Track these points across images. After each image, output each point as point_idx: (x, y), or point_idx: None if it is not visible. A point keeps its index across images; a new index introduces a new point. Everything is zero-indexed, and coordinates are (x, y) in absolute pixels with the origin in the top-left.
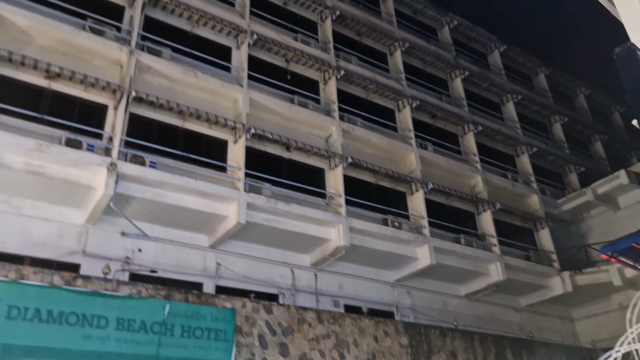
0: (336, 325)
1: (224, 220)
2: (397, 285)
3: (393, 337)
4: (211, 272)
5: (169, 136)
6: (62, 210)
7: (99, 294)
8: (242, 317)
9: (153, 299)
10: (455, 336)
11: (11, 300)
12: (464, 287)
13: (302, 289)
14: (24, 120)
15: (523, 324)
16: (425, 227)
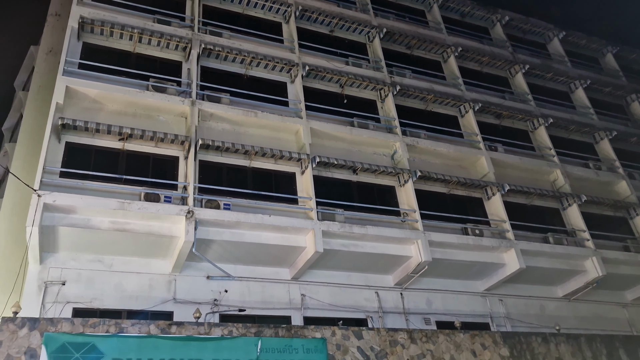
0: (430, 344)
1: (302, 251)
2: (488, 295)
3: (492, 350)
4: (297, 304)
5: (238, 177)
6: (150, 262)
7: (193, 338)
8: (334, 346)
9: (245, 337)
10: (559, 341)
11: (114, 354)
12: (561, 288)
13: (389, 310)
14: (105, 183)
15: (633, 319)
16: (509, 231)
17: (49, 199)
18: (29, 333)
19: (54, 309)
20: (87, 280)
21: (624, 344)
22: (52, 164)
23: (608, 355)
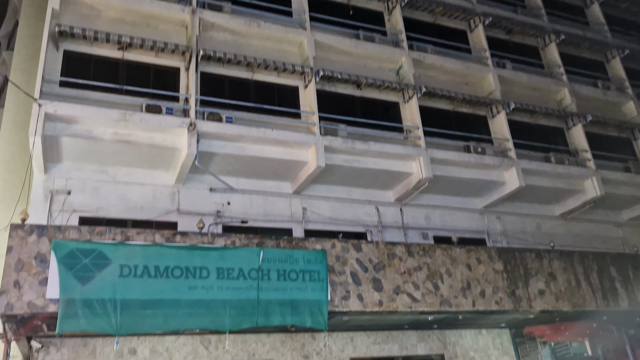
0: (427, 257)
1: (304, 166)
2: (487, 212)
3: (487, 264)
4: (298, 217)
5: (240, 90)
6: (153, 173)
7: (197, 247)
8: (333, 257)
9: (247, 248)
10: (552, 257)
11: (121, 261)
12: (558, 206)
13: (388, 225)
14: (105, 93)
15: (627, 239)
16: (511, 150)
17: (50, 109)
18: (37, 239)
19: (60, 217)
20: (92, 190)
21: (615, 261)
22: (51, 73)
23: (599, 271)
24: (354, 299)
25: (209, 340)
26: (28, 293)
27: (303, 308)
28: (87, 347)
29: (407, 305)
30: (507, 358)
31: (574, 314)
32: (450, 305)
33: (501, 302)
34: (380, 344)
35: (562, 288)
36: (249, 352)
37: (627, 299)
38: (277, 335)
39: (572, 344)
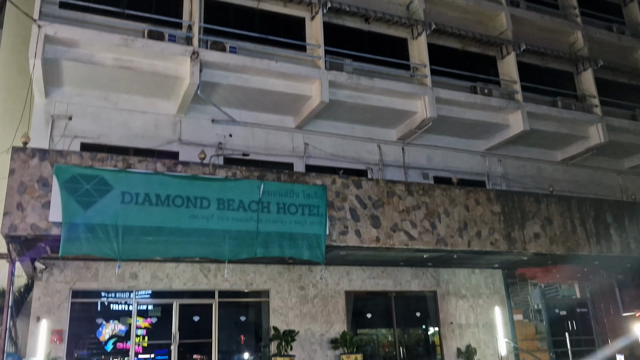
0: (426, 197)
1: (308, 101)
2: (488, 155)
3: (485, 205)
4: (300, 152)
5: (245, 19)
6: (155, 102)
7: (199, 178)
8: (333, 193)
9: (248, 180)
10: (550, 202)
11: (123, 187)
12: (561, 152)
13: (390, 163)
14: (106, 17)
15: (626, 186)
16: (518, 92)
17: (50, 31)
18: (39, 163)
19: (62, 142)
20: (93, 116)
21: (612, 208)
22: None
23: (595, 217)
24: (352, 235)
25: (208, 269)
26: (31, 215)
27: (301, 241)
28: (90, 270)
29: (403, 242)
30: (498, 297)
31: (567, 257)
32: (446, 245)
33: (496, 244)
34: (375, 278)
35: (557, 232)
36: (247, 282)
37: (620, 245)
38: (274, 267)
39: (562, 286)
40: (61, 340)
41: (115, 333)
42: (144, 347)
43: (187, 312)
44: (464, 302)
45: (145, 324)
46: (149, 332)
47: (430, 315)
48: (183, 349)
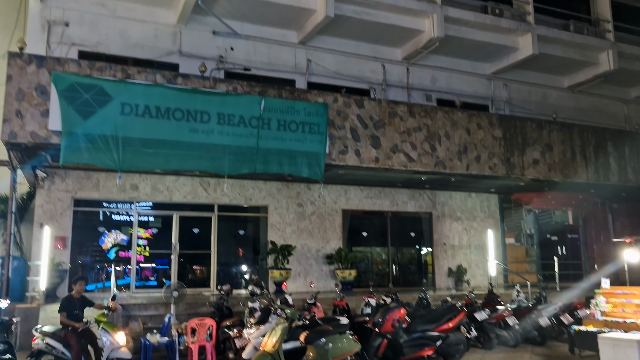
0: (428, 118)
1: (312, 15)
2: (494, 78)
3: (486, 130)
4: (302, 68)
5: None
6: (155, 10)
7: (199, 91)
8: (334, 111)
9: (249, 95)
10: (552, 128)
11: (123, 98)
12: (568, 78)
13: (393, 84)
14: None
15: (630, 116)
16: (530, 14)
17: None
18: (37, 70)
19: (59, 50)
20: (90, 23)
21: (613, 137)
22: None
23: (596, 145)
24: (351, 154)
25: (208, 183)
26: (30, 123)
27: (301, 159)
28: (91, 180)
29: (402, 164)
30: (492, 221)
31: (564, 184)
32: (445, 167)
33: (495, 168)
34: (373, 198)
35: (557, 159)
36: (246, 197)
37: (617, 174)
38: (273, 183)
39: (556, 212)
40: (64, 246)
41: (118, 242)
42: (145, 256)
43: (187, 225)
44: (458, 224)
45: (147, 235)
46: (150, 242)
47: (424, 236)
48: (183, 260)
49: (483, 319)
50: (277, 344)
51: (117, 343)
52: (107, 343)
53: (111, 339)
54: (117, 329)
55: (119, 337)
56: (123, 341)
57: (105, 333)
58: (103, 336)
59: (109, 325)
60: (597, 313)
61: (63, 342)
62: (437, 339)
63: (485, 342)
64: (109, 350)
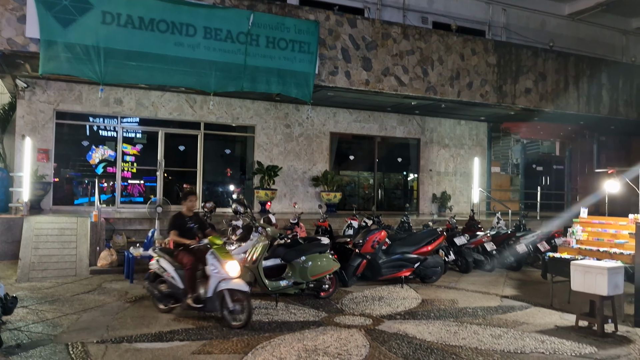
0: (422, 42)
1: None
2: (493, 2)
3: (481, 56)
4: None
5: None
6: None
7: (185, 2)
8: (326, 30)
9: (237, 9)
10: (548, 57)
11: (104, 7)
12: (569, 5)
13: (388, 3)
14: None
15: (628, 48)
16: None
17: None
18: None
19: None
20: None
21: (609, 68)
22: None
23: (590, 76)
24: (342, 76)
25: (194, 100)
26: (7, 29)
27: (290, 78)
28: (73, 92)
29: (393, 87)
30: (479, 149)
31: (554, 115)
32: (436, 93)
33: (486, 96)
34: (361, 122)
35: (549, 89)
36: (233, 116)
37: (608, 106)
38: (261, 103)
39: (543, 143)
40: (47, 159)
41: (105, 157)
42: (132, 172)
43: (172, 142)
44: (445, 151)
45: (134, 151)
46: (137, 158)
47: (411, 162)
48: (172, 178)
49: (462, 244)
50: (257, 261)
51: (227, 273)
52: (215, 272)
53: (220, 268)
54: (229, 257)
55: (229, 266)
56: (235, 272)
57: (213, 259)
58: (211, 263)
59: (220, 251)
60: (572, 241)
61: (175, 264)
62: (415, 260)
63: (462, 266)
64: (216, 280)
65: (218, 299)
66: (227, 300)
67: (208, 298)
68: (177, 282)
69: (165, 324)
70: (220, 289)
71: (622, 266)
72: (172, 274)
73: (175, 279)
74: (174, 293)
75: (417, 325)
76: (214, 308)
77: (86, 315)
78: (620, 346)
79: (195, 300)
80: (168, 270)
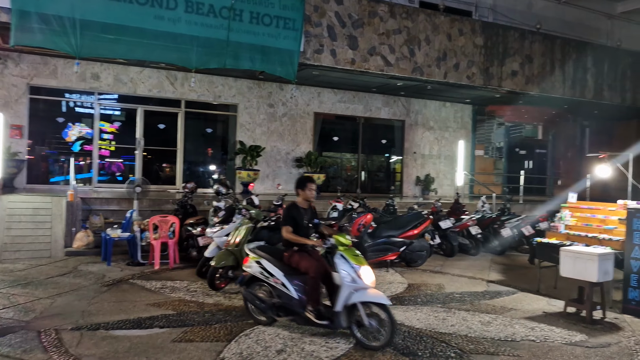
0: (409, 21)
1: None
2: None
3: (468, 37)
4: None
5: None
6: None
7: None
8: (311, 7)
9: None
10: (535, 39)
11: None
12: None
13: None
14: None
15: (613, 32)
16: None
17: None
18: None
19: None
20: None
21: (594, 52)
22: None
23: (576, 60)
24: (327, 54)
25: (175, 77)
26: None
27: (274, 56)
28: (48, 66)
29: (379, 67)
30: (464, 132)
31: (539, 98)
32: (422, 74)
33: (473, 78)
34: (346, 102)
35: (535, 72)
36: (214, 94)
37: (593, 91)
38: (244, 81)
39: (526, 126)
40: (21, 135)
41: (82, 135)
42: (111, 151)
43: (152, 120)
44: (430, 133)
45: (112, 129)
46: (116, 136)
47: (395, 144)
48: (152, 157)
49: (447, 228)
50: (241, 244)
51: (362, 281)
52: (347, 280)
53: (354, 275)
54: (362, 261)
55: (364, 273)
56: (371, 279)
57: (344, 264)
58: (341, 268)
59: (350, 253)
60: (560, 226)
61: (284, 267)
62: (401, 244)
63: (447, 250)
64: (348, 291)
65: (349, 314)
66: (362, 315)
67: (336, 312)
68: (290, 291)
69: (144, 309)
70: (353, 301)
71: (613, 252)
72: (281, 280)
73: (288, 288)
74: (285, 304)
75: (405, 311)
76: (342, 324)
77: (60, 300)
78: (610, 333)
79: (317, 314)
80: (276, 275)
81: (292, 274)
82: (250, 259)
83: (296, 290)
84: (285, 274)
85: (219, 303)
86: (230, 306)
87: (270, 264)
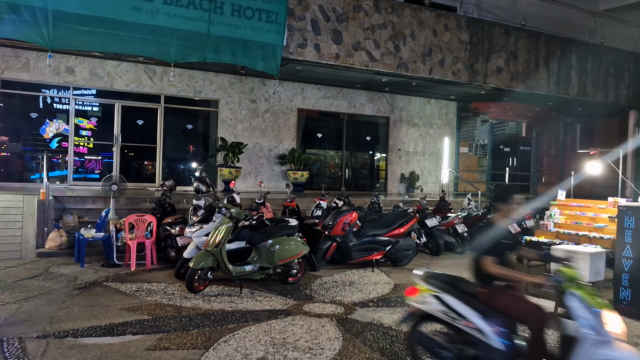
0: (394, 15)
1: None
2: None
3: (453, 32)
4: None
5: None
6: None
7: None
8: (295, 0)
9: None
10: (520, 36)
11: None
12: None
13: None
14: None
15: (596, 29)
16: None
17: None
18: None
19: None
20: None
21: (578, 49)
22: None
23: (560, 57)
24: (311, 49)
25: (153, 71)
26: None
27: (256, 50)
28: (20, 59)
29: (364, 63)
30: (449, 129)
31: (523, 95)
32: (407, 70)
33: (458, 74)
34: (330, 99)
35: (520, 68)
36: (195, 89)
37: (577, 88)
38: (225, 76)
39: (510, 123)
40: None
41: (60, 132)
42: (89, 148)
43: (130, 116)
44: (415, 130)
45: (90, 126)
46: (94, 133)
47: (379, 141)
48: (133, 154)
49: (433, 226)
50: (220, 244)
51: (606, 332)
52: (588, 331)
53: (594, 322)
54: (604, 304)
55: (609, 318)
56: (620, 329)
57: (581, 307)
58: (576, 312)
59: (586, 292)
60: (550, 224)
61: (479, 307)
62: (387, 243)
63: (433, 248)
64: (592, 345)
65: None
66: None
67: None
68: (490, 340)
69: (117, 314)
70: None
71: (604, 251)
72: (477, 324)
73: (487, 335)
74: (482, 357)
75: (392, 313)
76: None
77: (28, 305)
78: None
79: None
80: (468, 317)
81: (487, 315)
82: (422, 291)
83: (499, 338)
84: (484, 317)
85: (198, 307)
86: (209, 310)
87: (459, 302)
